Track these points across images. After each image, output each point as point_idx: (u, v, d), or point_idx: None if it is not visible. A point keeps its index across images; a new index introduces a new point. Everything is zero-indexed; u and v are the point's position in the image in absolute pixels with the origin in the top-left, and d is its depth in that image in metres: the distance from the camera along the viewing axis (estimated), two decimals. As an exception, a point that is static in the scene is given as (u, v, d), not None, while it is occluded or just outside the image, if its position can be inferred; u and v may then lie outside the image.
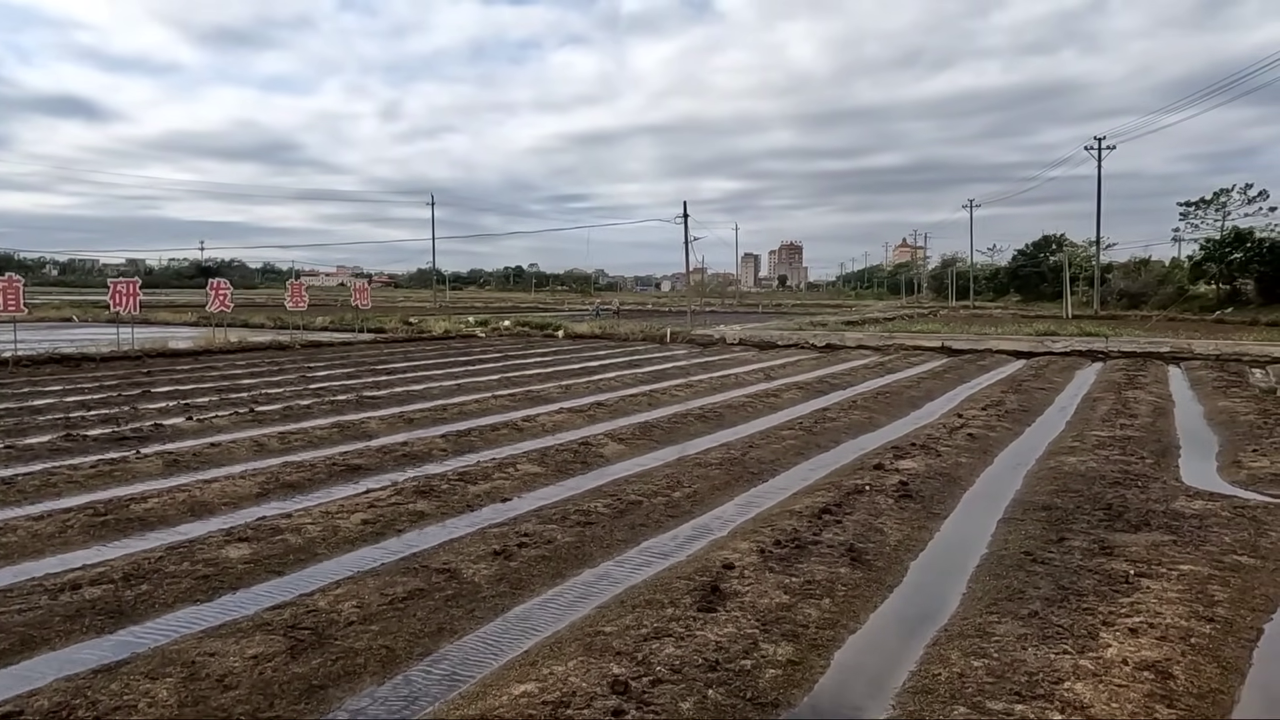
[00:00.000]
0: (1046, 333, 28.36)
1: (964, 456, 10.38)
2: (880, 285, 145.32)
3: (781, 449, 10.80)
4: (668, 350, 28.35)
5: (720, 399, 15.47)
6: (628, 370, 20.99)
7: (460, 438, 11.31)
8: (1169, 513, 7.67)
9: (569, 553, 6.61)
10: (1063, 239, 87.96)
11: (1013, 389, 16.93)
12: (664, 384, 17.83)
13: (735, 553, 6.44)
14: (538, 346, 29.45)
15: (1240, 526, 7.27)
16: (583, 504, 7.89)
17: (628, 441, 11.19)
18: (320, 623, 5.10)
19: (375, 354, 25.53)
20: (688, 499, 8.31)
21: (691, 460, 9.89)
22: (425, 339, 33.03)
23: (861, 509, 7.75)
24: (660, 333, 32.64)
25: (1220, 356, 24.15)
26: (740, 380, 18.78)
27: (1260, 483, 9.15)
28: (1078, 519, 7.52)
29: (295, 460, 9.77)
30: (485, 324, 38.08)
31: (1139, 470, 9.51)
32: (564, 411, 13.65)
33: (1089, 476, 9.16)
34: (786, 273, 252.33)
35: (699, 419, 13.13)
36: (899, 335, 29.53)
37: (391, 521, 7.44)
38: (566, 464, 9.85)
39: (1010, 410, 14.17)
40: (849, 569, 6.18)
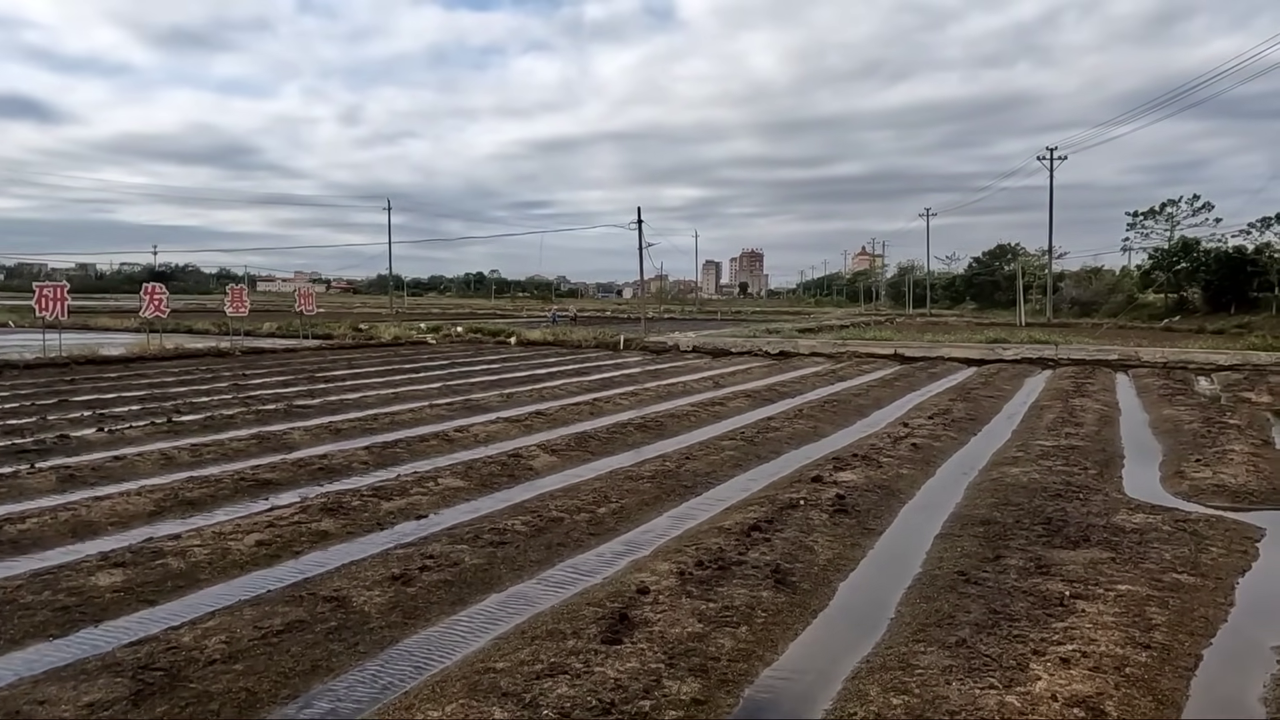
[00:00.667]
0: (998, 340, 28.43)
1: (906, 468, 10.08)
2: (840, 293, 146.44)
3: (720, 460, 10.42)
4: (620, 357, 27.93)
5: (664, 408, 15.07)
6: (575, 378, 20.53)
7: (385, 449, 10.77)
8: (1109, 527, 7.40)
9: (475, 576, 6.14)
10: (1017, 248, 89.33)
11: (961, 397, 16.76)
12: (609, 392, 17.39)
13: (654, 575, 6.02)
14: (488, 354, 28.87)
15: (1181, 542, 7.02)
16: (501, 521, 7.42)
17: (561, 453, 10.74)
18: (178, 662, 4.58)
19: (318, 361, 24.77)
20: (613, 515, 7.87)
21: (624, 473, 9.46)
22: (373, 346, 32.26)
23: (793, 525, 7.37)
24: (614, 339, 32.21)
25: (1167, 364, 24.32)
26: (688, 388, 18.42)
27: (1202, 494, 8.95)
28: (1016, 534, 7.21)
29: (201, 475, 9.16)
30: (437, 330, 37.36)
31: (1081, 481, 9.27)
32: (500, 421, 13.16)
33: (1031, 488, 8.89)
34: (748, 280, 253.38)
35: (639, 429, 12.72)
36: (852, 343, 29.42)
37: (290, 543, 6.91)
38: (492, 477, 9.37)
39: (957, 419, 13.95)
40: (772, 592, 5.79)
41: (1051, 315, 63.07)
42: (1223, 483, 9.24)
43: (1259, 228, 59.13)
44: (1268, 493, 8.93)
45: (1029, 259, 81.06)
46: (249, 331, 38.22)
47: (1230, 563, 6.60)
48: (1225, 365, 23.72)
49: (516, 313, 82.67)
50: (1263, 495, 8.85)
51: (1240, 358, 24.13)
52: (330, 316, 61.98)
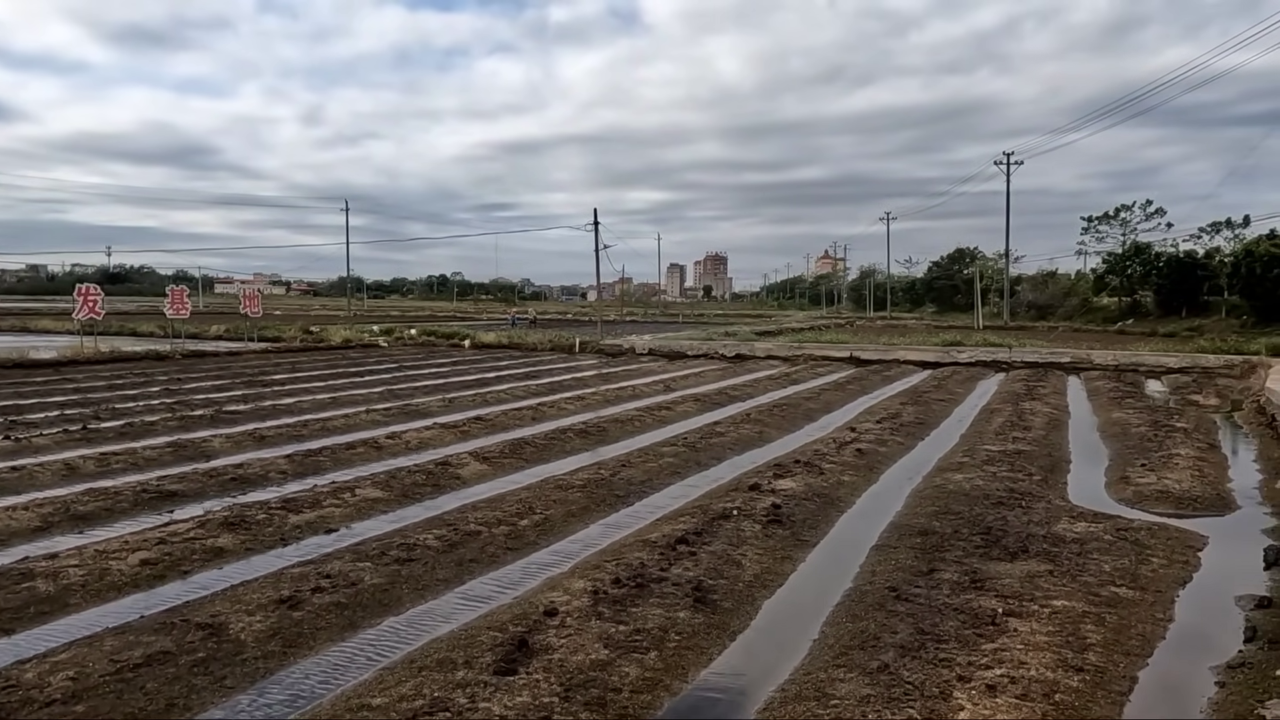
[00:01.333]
0: (953, 343, 28.42)
1: (849, 474, 9.77)
2: (802, 296, 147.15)
3: (658, 468, 10.03)
4: (574, 360, 27.48)
5: (609, 413, 14.67)
6: (523, 382, 20.06)
7: (308, 458, 10.25)
8: (1049, 537, 7.14)
9: (372, 598, 5.68)
10: (976, 252, 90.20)
11: (912, 400, 16.56)
12: (556, 396, 16.95)
13: (566, 594, 5.62)
14: (439, 357, 28.26)
15: (1121, 552, 6.76)
16: (413, 535, 6.97)
17: (493, 461, 10.29)
18: (10, 703, 4.08)
19: (260, 365, 24.02)
20: (535, 528, 7.45)
21: (555, 482, 9.04)
22: (322, 349, 31.47)
23: (723, 537, 7.01)
24: (569, 342, 31.74)
25: (1118, 367, 24.42)
26: (637, 392, 18.04)
27: (1146, 500, 8.75)
28: (954, 545, 6.91)
29: (102, 487, 8.58)
30: (390, 333, 36.61)
31: (1025, 488, 9.02)
32: (437, 427, 12.67)
33: (973, 496, 8.62)
34: (712, 283, 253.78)
35: (580, 435, 12.30)
36: (808, 345, 29.25)
37: (179, 561, 6.40)
38: (415, 487, 8.90)
39: (906, 423, 13.72)
40: (690, 612, 5.41)
41: (1009, 318, 63.67)
42: (1167, 488, 9.05)
43: (1209, 232, 60.30)
44: (1211, 499, 8.75)
45: (987, 263, 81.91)
46: (195, 334, 37.21)
47: (1171, 574, 6.35)
48: (1175, 368, 23.86)
49: (477, 315, 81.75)
50: (1206, 501, 8.66)
51: (1189, 360, 24.30)
52: (285, 319, 60.77)
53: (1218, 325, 46.46)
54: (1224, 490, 9.24)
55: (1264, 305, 43.95)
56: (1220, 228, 59.44)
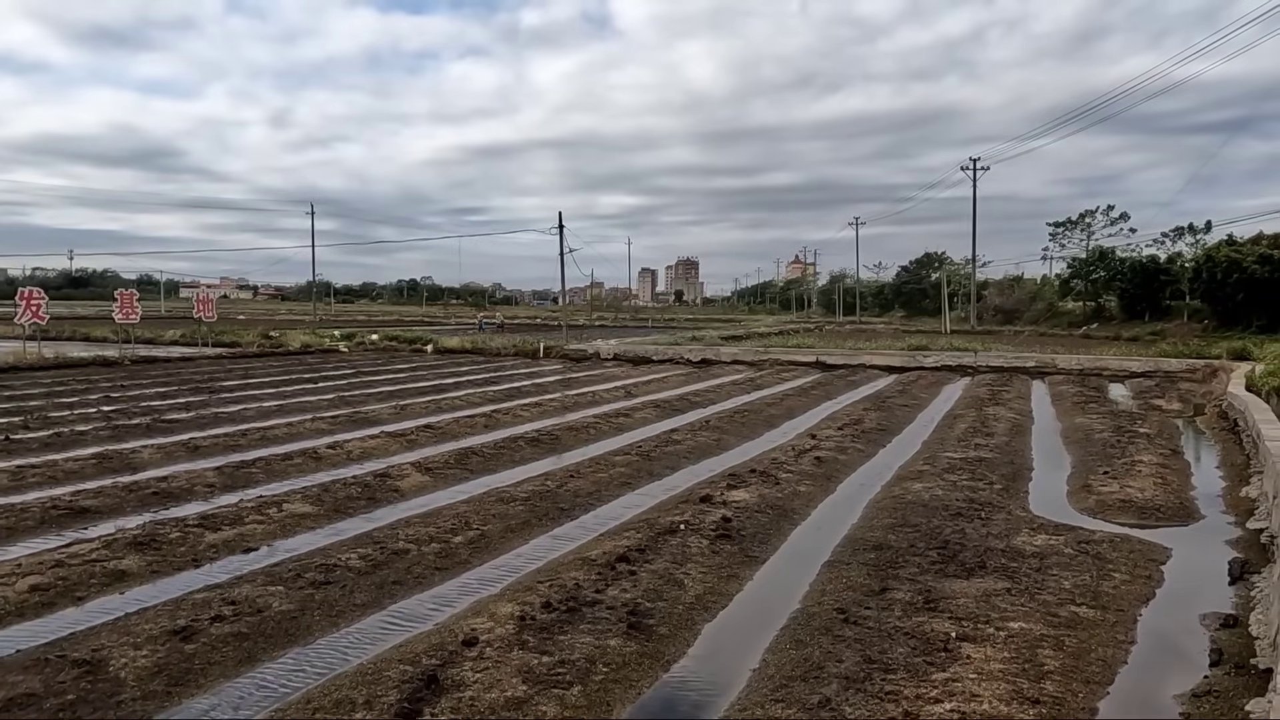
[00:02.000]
0: (919, 348, 28.28)
1: (805, 484, 9.43)
2: (773, 301, 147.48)
3: (608, 479, 9.63)
4: (537, 366, 27.01)
5: (565, 420, 14.24)
6: (481, 388, 19.56)
7: (240, 469, 9.72)
8: (1008, 551, 6.82)
9: (278, 627, 5.22)
10: (944, 256, 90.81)
11: (876, 406, 16.30)
12: (512, 403, 16.50)
13: (490, 621, 5.19)
14: (400, 362, 27.66)
15: (1082, 567, 6.46)
16: (337, 555, 6.51)
17: (436, 472, 9.82)
18: None
19: (211, 371, 23.31)
20: (470, 545, 7.01)
21: (497, 495, 8.60)
22: (279, 354, 30.75)
23: (667, 554, 6.62)
24: (533, 347, 31.26)
25: (1082, 371, 24.41)
26: (597, 398, 17.62)
27: (1108, 510, 8.48)
28: (909, 561, 6.58)
29: (8, 503, 8.02)
30: (350, 338, 35.90)
31: (985, 498, 8.73)
32: (383, 436, 12.17)
33: (931, 507, 8.31)
34: (683, 288, 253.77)
35: (531, 443, 11.86)
36: (774, 350, 28.99)
37: (74, 586, 5.89)
38: (348, 501, 8.42)
39: (868, 430, 13.43)
40: (622, 640, 5.01)
41: (975, 323, 64.04)
42: (1129, 497, 8.80)
43: (1171, 238, 60.99)
44: (1174, 508, 8.51)
45: (954, 268, 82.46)
46: (151, 339, 36.33)
47: (1133, 591, 6.05)
48: (1138, 372, 23.88)
49: (445, 320, 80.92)
50: (1169, 511, 8.41)
51: (1152, 364, 24.34)
52: (247, 323, 59.71)
53: (1180, 329, 46.92)
54: (1187, 498, 9.01)
55: (1224, 309, 44.43)
56: (1182, 233, 60.17)
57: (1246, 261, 41.40)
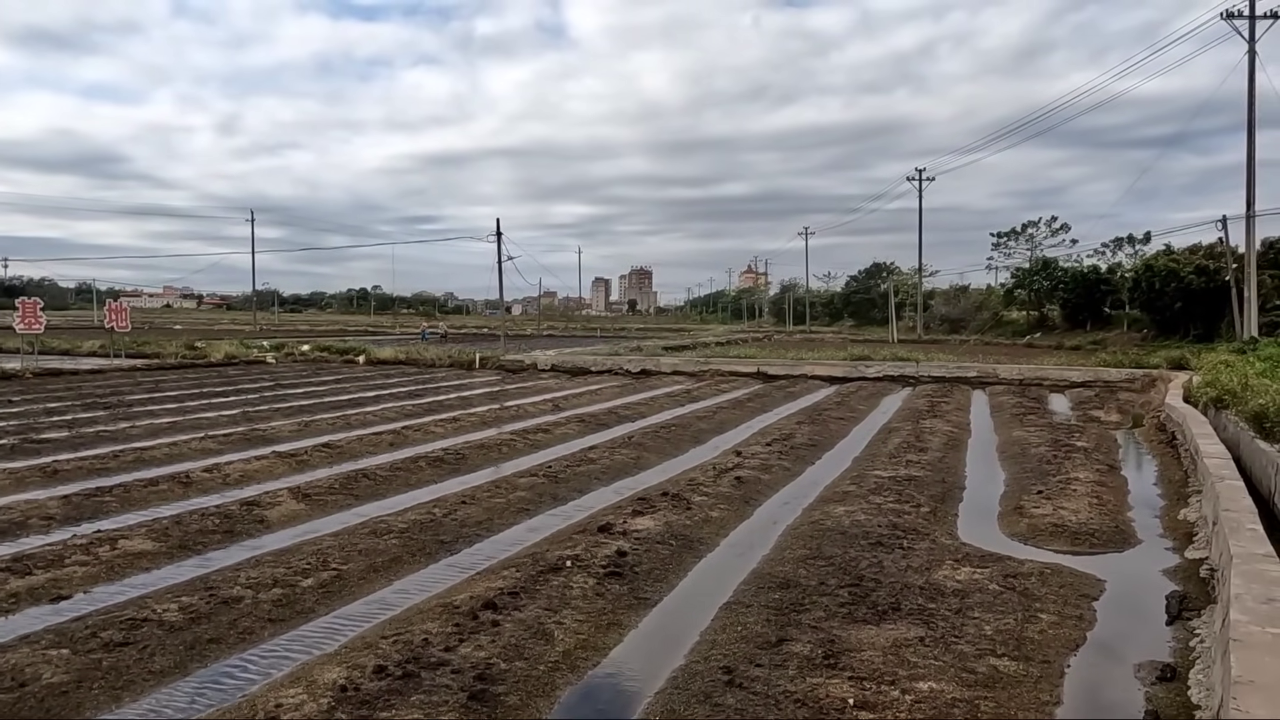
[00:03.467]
0: (861, 358, 27.86)
1: (720, 508, 8.68)
2: (725, 310, 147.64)
3: (505, 504, 8.78)
4: (470, 377, 26.01)
5: (479, 437, 13.34)
6: (404, 401, 18.55)
7: (90, 498, 8.67)
8: (928, 588, 6.12)
9: (37, 708, 4.28)
10: (892, 266, 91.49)
11: (810, 419, 15.67)
12: (428, 418, 15.54)
13: (304, 692, 4.32)
14: (326, 374, 26.46)
15: (1007, 607, 5.78)
16: (154, 605, 5.57)
17: (315, 499, 8.88)
18: None
19: (117, 384, 21.92)
20: (320, 589, 6.11)
21: (373, 526, 7.70)
22: (200, 365, 29.31)
23: (544, 598, 5.79)
24: (469, 358, 30.23)
25: (1023, 381, 24.14)
26: (521, 413, 16.74)
27: (1040, 535, 7.86)
28: (816, 602, 5.83)
29: None
30: (280, 349, 34.50)
31: (910, 523, 8.05)
32: (272, 457, 11.16)
33: (851, 534, 7.60)
34: (637, 297, 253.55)
35: (434, 464, 10.96)
36: (715, 360, 28.34)
37: None
38: (200, 536, 7.46)
39: (798, 445, 12.76)
40: (458, 715, 4.17)
41: (922, 332, 64.34)
42: (1063, 520, 8.19)
43: (1111, 248, 61.98)
44: (1109, 532, 7.91)
45: (903, 277, 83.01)
46: (67, 350, 34.50)
47: (1062, 635, 5.37)
48: (1078, 382, 23.67)
49: (391, 329, 79.26)
50: (1104, 535, 7.81)
51: (1092, 374, 24.15)
52: (184, 333, 57.53)
53: (1120, 338, 47.46)
54: (1123, 520, 8.43)
55: (1163, 319, 45.00)
56: (1122, 244, 61.18)
57: (1184, 272, 41.94)
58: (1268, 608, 4.13)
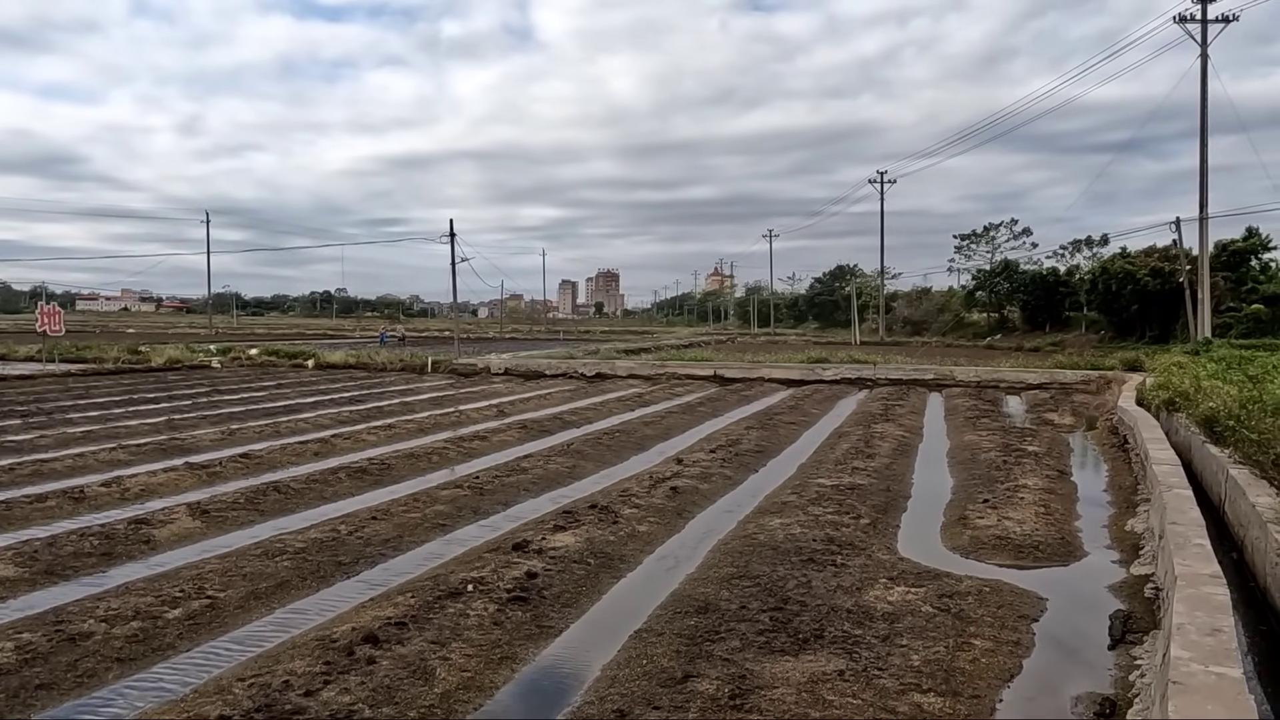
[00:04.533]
0: (818, 360, 27.55)
1: (649, 522, 8.17)
2: (691, 313, 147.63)
3: (419, 520, 8.20)
4: (420, 382, 25.31)
5: (411, 445, 12.73)
6: (342, 407, 17.85)
7: (-35, 518, 7.96)
8: (856, 611, 5.66)
9: None
10: (855, 269, 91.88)
11: (760, 424, 15.23)
12: (363, 426, 14.88)
13: (126, 752, 3.73)
14: (270, 379, 25.60)
15: (940, 632, 5.33)
16: (-10, 644, 4.94)
17: (214, 515, 8.24)
18: None
19: (45, 390, 20.98)
20: (184, 622, 5.50)
21: (267, 546, 7.09)
22: (139, 370, 28.33)
23: (435, 629, 5.25)
24: (421, 362, 29.50)
25: (980, 383, 23.96)
26: (463, 419, 16.14)
27: (982, 548, 7.44)
28: (733, 629, 5.34)
29: None
30: (226, 353, 33.50)
31: (847, 536, 7.60)
32: (183, 469, 10.48)
33: (783, 550, 7.13)
34: (604, 300, 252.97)
35: (355, 475, 10.34)
36: (672, 364, 27.88)
37: None
38: (73, 559, 6.80)
39: (743, 452, 12.30)
40: (298, 779, 3.61)
41: (884, 334, 64.53)
42: (1007, 532, 7.79)
43: (1070, 250, 62.53)
44: (1055, 545, 7.51)
45: (866, 280, 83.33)
46: (3, 355, 33.39)
47: (995, 665, 4.93)
48: (1034, 384, 23.54)
49: (351, 332, 78.03)
50: (1049, 548, 7.41)
51: (1048, 376, 24.04)
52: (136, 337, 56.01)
53: (1078, 340, 47.79)
54: (1070, 531, 8.05)
55: (1120, 320, 45.39)
56: (1080, 246, 61.74)
57: (1140, 274, 42.28)
58: (1212, 641, 3.71)
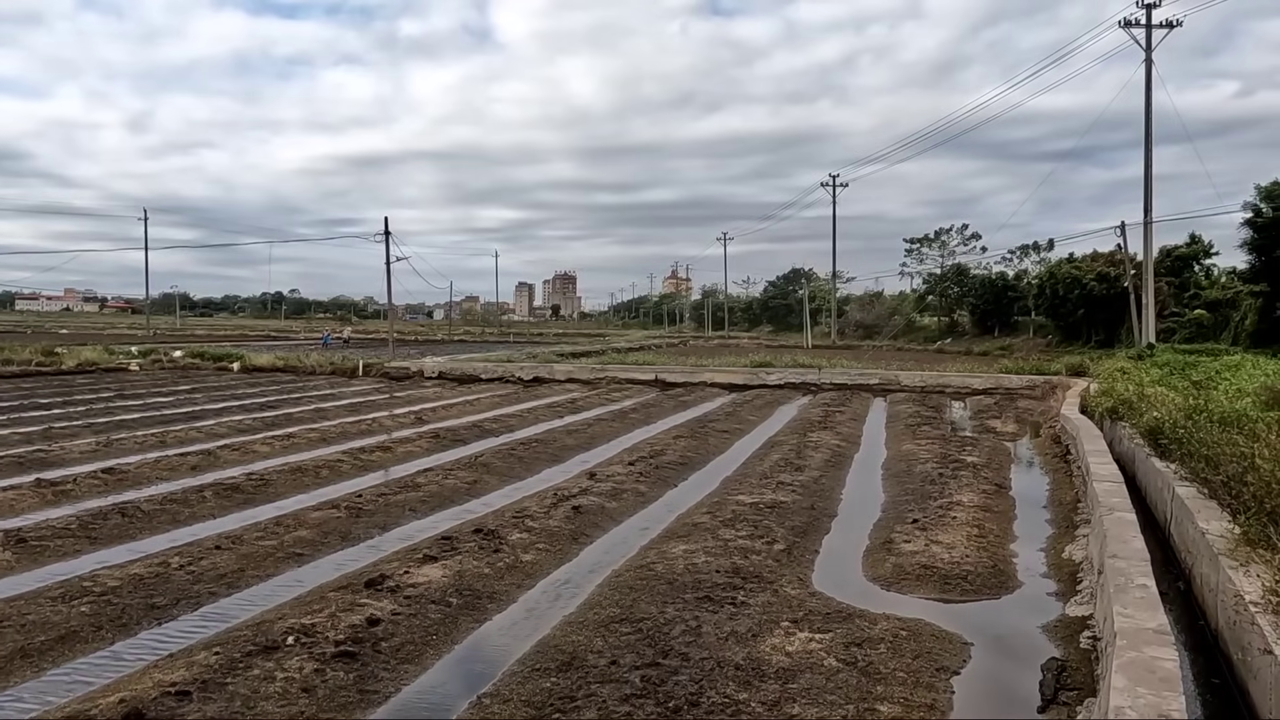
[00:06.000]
0: (763, 364, 26.81)
1: (537, 549, 7.23)
2: (647, 315, 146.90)
3: (273, 549, 7.17)
4: (348, 386, 24.07)
5: (304, 457, 11.63)
6: (251, 414, 16.63)
7: None
8: (746, 667, 4.78)
9: None
10: (810, 272, 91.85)
11: (691, 433, 14.36)
12: (260, 435, 13.71)
13: None
14: (187, 383, 24.16)
15: (842, 694, 4.46)
16: None
17: (34, 544, 7.11)
18: None
19: (-72, 395, 19.39)
20: (-84, 692, 4.44)
21: (68, 586, 6.01)
22: (47, 374, 26.69)
23: (225, 699, 4.26)
24: (353, 365, 28.24)
25: (925, 388, 23.40)
26: (373, 427, 15.04)
27: (905, 579, 6.62)
28: (595, 694, 4.43)
29: None
30: (147, 355, 31.85)
31: (756, 566, 6.74)
32: (28, 487, 9.30)
33: (679, 584, 6.24)
34: (560, 302, 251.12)
35: (224, 493, 9.24)
36: (613, 367, 26.95)
37: None
38: None
39: (666, 464, 11.42)
40: None
41: (837, 338, 64.28)
42: (934, 559, 6.98)
43: (1018, 255, 62.78)
44: (985, 575, 6.71)
45: (820, 283, 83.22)
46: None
47: (902, 739, 4.07)
48: (980, 389, 23.03)
49: (297, 334, 75.96)
50: (978, 579, 6.61)
51: (994, 381, 23.56)
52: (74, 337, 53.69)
53: (1026, 344, 47.85)
54: (1003, 556, 7.27)
55: (1067, 325, 45.48)
56: (1028, 251, 62.00)
57: (1086, 279, 42.35)
58: (1157, 733, 2.87)
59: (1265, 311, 32.58)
